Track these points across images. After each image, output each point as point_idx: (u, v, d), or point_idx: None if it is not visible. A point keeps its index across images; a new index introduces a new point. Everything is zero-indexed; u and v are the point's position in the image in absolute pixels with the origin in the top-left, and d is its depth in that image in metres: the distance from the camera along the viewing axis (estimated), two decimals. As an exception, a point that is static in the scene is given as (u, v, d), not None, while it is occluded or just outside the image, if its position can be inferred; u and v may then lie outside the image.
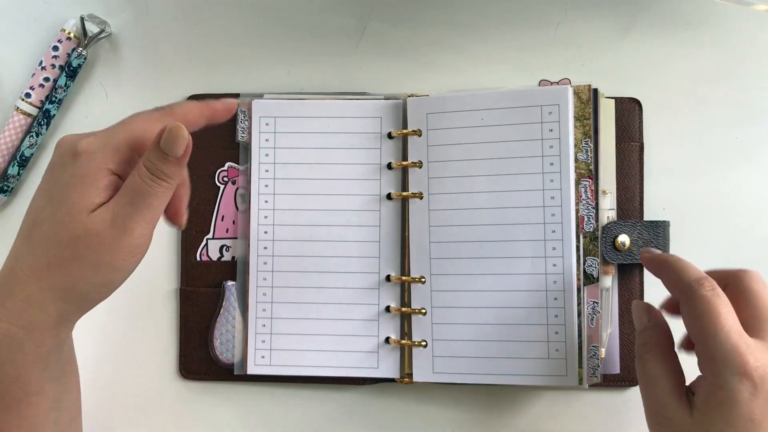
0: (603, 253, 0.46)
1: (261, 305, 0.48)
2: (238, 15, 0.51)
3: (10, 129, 0.49)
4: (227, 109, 0.40)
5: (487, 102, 0.46)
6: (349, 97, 0.49)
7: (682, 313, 0.38)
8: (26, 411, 0.36)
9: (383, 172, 0.48)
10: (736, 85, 0.49)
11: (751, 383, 0.34)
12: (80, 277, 0.35)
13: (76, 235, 0.34)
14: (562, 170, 0.45)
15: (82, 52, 0.49)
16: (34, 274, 0.35)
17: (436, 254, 0.47)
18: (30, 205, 0.37)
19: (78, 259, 0.35)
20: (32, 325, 0.35)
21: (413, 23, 0.50)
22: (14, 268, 0.36)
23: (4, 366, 0.35)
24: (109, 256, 0.35)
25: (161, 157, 0.34)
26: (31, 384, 0.36)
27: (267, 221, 0.48)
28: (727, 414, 0.34)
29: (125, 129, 0.36)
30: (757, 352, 0.34)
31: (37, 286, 0.35)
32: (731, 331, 0.35)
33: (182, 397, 0.50)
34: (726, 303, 0.36)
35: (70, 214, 0.34)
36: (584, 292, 0.45)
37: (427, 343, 0.47)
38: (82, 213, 0.34)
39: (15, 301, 0.35)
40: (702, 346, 0.36)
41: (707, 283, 0.36)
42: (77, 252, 0.34)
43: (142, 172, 0.35)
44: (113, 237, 0.35)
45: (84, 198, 0.35)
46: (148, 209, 0.35)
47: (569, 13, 0.50)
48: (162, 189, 0.35)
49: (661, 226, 0.46)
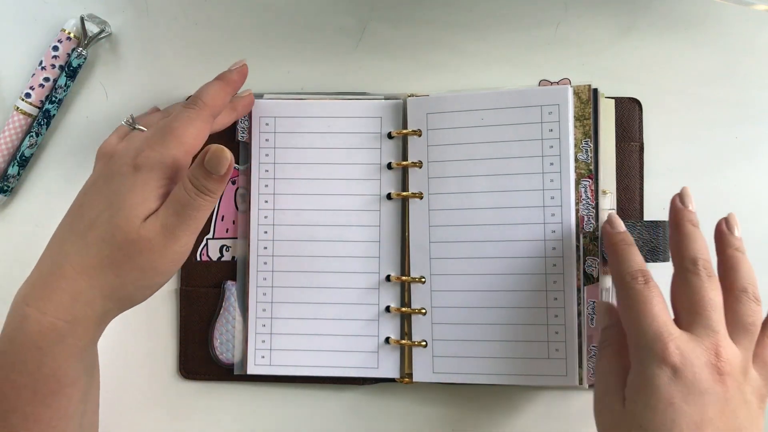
0: (603, 253, 0.46)
1: (261, 305, 0.48)
2: (239, 15, 0.51)
3: (10, 129, 0.49)
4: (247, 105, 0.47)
5: (487, 102, 0.46)
6: (349, 97, 0.49)
7: (617, 304, 0.40)
8: (60, 403, 0.38)
9: (383, 172, 0.48)
10: (736, 85, 0.49)
11: (671, 368, 0.35)
12: (128, 278, 0.38)
13: (130, 239, 0.37)
14: (562, 170, 0.45)
15: (82, 52, 0.49)
16: (85, 272, 0.37)
17: (436, 254, 0.47)
18: (83, 208, 0.39)
19: (129, 262, 0.37)
20: (77, 320, 0.37)
21: (413, 23, 0.50)
22: (62, 265, 0.38)
23: (45, 358, 0.37)
24: (156, 261, 0.38)
25: (205, 175, 0.38)
26: (68, 376, 0.38)
27: (267, 221, 0.48)
28: (648, 398, 0.35)
29: (178, 143, 0.39)
30: (680, 341, 0.36)
31: (87, 284, 0.37)
32: (656, 319, 0.37)
33: (182, 397, 0.50)
34: (656, 295, 0.38)
35: (127, 219, 0.37)
36: (584, 292, 0.46)
37: (427, 343, 0.47)
38: (137, 220, 0.37)
39: (63, 296, 0.37)
40: (630, 335, 0.38)
41: (641, 277, 0.39)
42: (129, 255, 0.37)
43: (188, 187, 0.38)
44: (162, 244, 0.38)
45: (139, 207, 0.38)
46: (193, 220, 0.38)
47: (569, 12, 0.50)
48: (206, 203, 0.38)
49: (661, 226, 0.46)
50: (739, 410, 0.35)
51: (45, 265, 0.39)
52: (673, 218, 0.42)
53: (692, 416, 0.34)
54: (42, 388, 0.37)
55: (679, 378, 0.35)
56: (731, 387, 0.35)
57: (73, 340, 0.37)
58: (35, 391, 0.37)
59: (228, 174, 0.38)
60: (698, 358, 0.35)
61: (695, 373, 0.35)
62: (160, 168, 0.39)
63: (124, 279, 0.38)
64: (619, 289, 0.40)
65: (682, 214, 0.41)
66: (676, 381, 0.35)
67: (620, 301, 0.39)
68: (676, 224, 0.41)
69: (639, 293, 0.38)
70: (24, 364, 0.37)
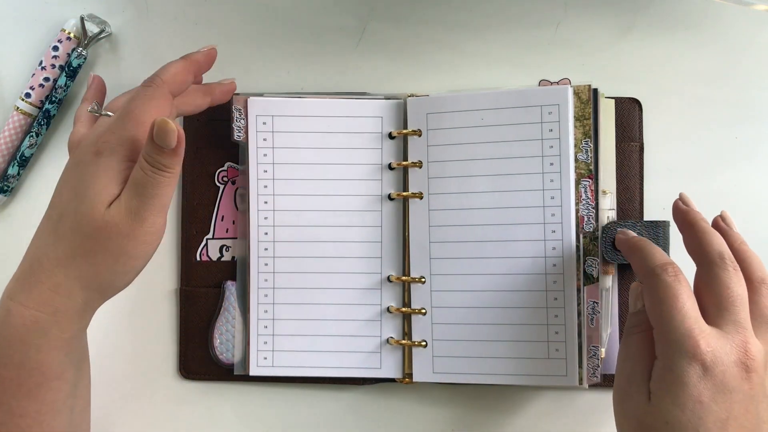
0: (603, 253, 0.46)
1: (263, 307, 0.48)
2: (238, 15, 0.51)
3: (10, 129, 0.49)
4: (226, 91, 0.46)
5: (487, 102, 0.46)
6: (349, 97, 0.49)
7: (644, 296, 0.39)
8: (46, 396, 0.38)
9: (384, 172, 0.48)
10: (736, 85, 0.49)
11: (701, 366, 0.34)
12: (102, 265, 0.38)
13: (97, 227, 0.37)
14: (562, 170, 0.45)
15: (82, 52, 0.49)
16: (60, 263, 0.37)
17: (436, 254, 0.47)
18: (54, 200, 0.40)
19: (100, 250, 0.37)
20: (59, 312, 0.37)
21: (413, 23, 0.50)
22: (40, 259, 0.38)
23: (29, 351, 0.37)
24: (127, 245, 0.38)
25: (158, 150, 0.37)
26: (53, 369, 0.38)
27: (267, 222, 0.48)
28: (676, 395, 0.35)
29: (137, 123, 0.39)
30: (710, 337, 0.35)
31: (64, 275, 0.37)
32: (687, 315, 0.36)
33: (182, 397, 0.50)
34: (686, 289, 0.37)
35: (92, 207, 0.37)
36: (584, 292, 0.45)
37: (427, 343, 0.47)
38: (101, 206, 0.37)
39: (42, 289, 0.37)
40: (658, 330, 0.37)
41: (670, 269, 0.37)
42: (99, 242, 0.37)
43: (144, 166, 0.37)
44: (128, 227, 0.37)
45: (102, 193, 0.37)
46: (156, 198, 0.38)
47: (569, 12, 0.50)
48: (165, 179, 0.37)
49: (661, 226, 0.46)
50: (761, 405, 0.35)
51: (26, 260, 0.39)
52: (683, 219, 0.41)
53: (719, 414, 0.34)
54: (27, 381, 0.37)
55: (709, 376, 0.34)
56: (756, 384, 0.35)
57: (57, 332, 0.38)
58: (20, 384, 0.37)
59: (180, 146, 0.37)
60: (728, 356, 0.35)
61: (725, 372, 0.34)
62: (120, 151, 0.38)
63: (98, 267, 0.38)
64: (647, 281, 0.38)
65: (692, 213, 0.41)
66: (706, 379, 0.34)
67: (648, 293, 0.38)
68: (690, 223, 0.41)
69: (669, 286, 0.37)
70: (9, 358, 0.37)
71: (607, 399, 0.48)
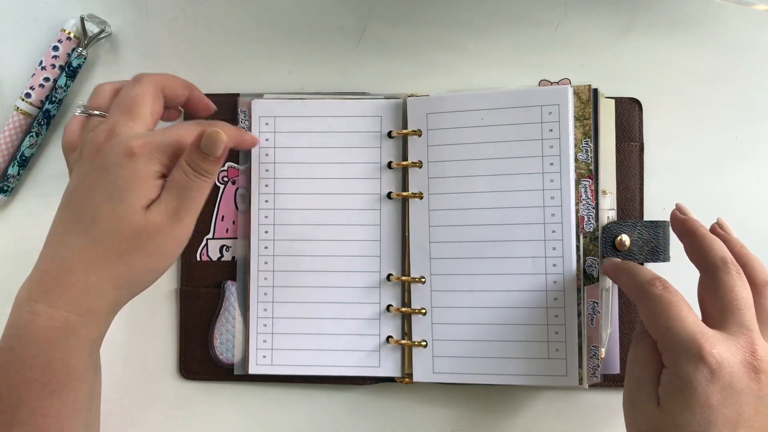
0: (603, 253, 0.46)
1: (262, 305, 0.48)
2: (239, 15, 0.51)
3: (10, 129, 0.49)
4: (252, 141, 0.47)
5: (487, 102, 0.46)
6: (349, 97, 0.49)
7: (640, 314, 0.39)
8: (68, 396, 0.38)
9: (383, 172, 0.48)
10: (736, 85, 0.49)
11: (708, 369, 0.34)
12: (139, 265, 0.39)
13: (138, 228, 0.38)
14: (562, 170, 0.45)
15: (82, 52, 0.49)
16: (94, 265, 0.38)
17: (436, 254, 0.47)
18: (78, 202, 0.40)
19: (138, 250, 0.39)
20: (89, 313, 0.38)
21: (413, 23, 0.50)
22: (69, 260, 0.38)
23: (57, 352, 0.38)
24: (164, 244, 0.39)
25: (202, 157, 0.39)
26: (77, 370, 0.38)
27: (267, 221, 0.48)
28: (685, 400, 0.34)
29: (175, 134, 0.40)
30: (714, 340, 0.35)
31: (98, 276, 0.38)
32: (686, 320, 0.36)
33: (182, 397, 0.50)
34: (679, 297, 0.37)
35: (131, 210, 0.38)
36: (584, 292, 0.45)
37: (427, 343, 0.47)
38: (140, 208, 0.39)
39: (73, 290, 0.38)
40: (660, 340, 0.37)
41: (658, 283, 0.38)
42: (137, 243, 0.38)
43: (186, 170, 0.39)
44: (168, 227, 0.39)
45: (142, 197, 0.39)
46: (193, 201, 0.40)
47: (569, 12, 0.50)
48: (204, 183, 0.40)
49: (661, 226, 0.46)
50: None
51: (48, 262, 0.39)
52: (682, 226, 0.41)
53: (729, 417, 0.34)
54: (52, 381, 0.38)
55: (717, 378, 0.34)
56: (765, 384, 0.35)
57: (85, 332, 0.38)
58: (45, 385, 0.37)
59: (224, 154, 0.40)
60: (734, 357, 0.35)
61: (732, 373, 0.34)
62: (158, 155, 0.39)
63: (134, 267, 0.39)
64: (639, 300, 0.39)
65: (691, 221, 0.41)
66: (714, 382, 0.34)
67: (643, 310, 0.38)
68: (690, 230, 0.41)
69: (661, 297, 0.37)
70: (34, 359, 0.37)
71: (607, 399, 0.48)
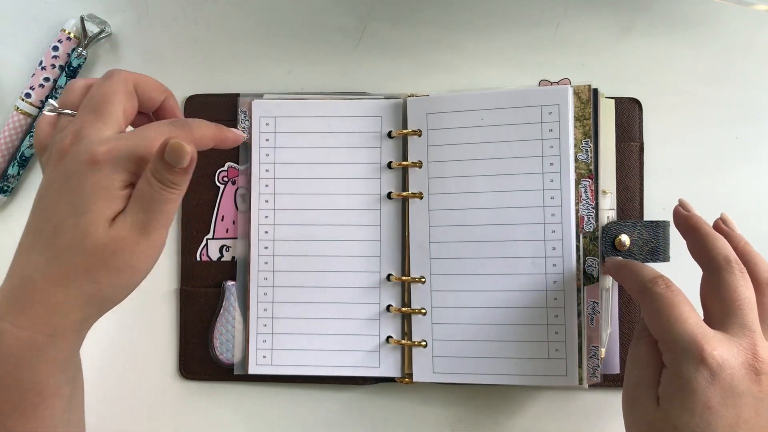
0: (603, 253, 0.46)
1: (262, 305, 0.48)
2: (238, 15, 0.51)
3: (10, 129, 0.49)
4: (235, 139, 0.41)
5: (487, 102, 0.46)
6: (349, 97, 0.49)
7: (642, 313, 0.39)
8: (43, 414, 0.37)
9: (383, 172, 0.48)
10: (736, 85, 0.49)
11: (708, 371, 0.34)
12: (105, 282, 0.36)
13: (102, 242, 0.35)
14: (562, 170, 0.45)
15: (82, 52, 0.49)
16: (59, 282, 0.35)
17: (436, 254, 0.47)
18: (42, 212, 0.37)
19: (103, 266, 0.36)
20: (56, 332, 0.36)
21: (413, 23, 0.50)
22: (32, 277, 0.36)
23: (24, 373, 0.36)
24: (132, 259, 0.36)
25: (168, 168, 0.35)
26: (50, 388, 0.37)
27: (267, 221, 0.48)
28: (685, 401, 0.34)
29: (143, 138, 0.37)
30: (715, 341, 0.35)
31: (63, 294, 0.35)
32: (687, 321, 0.35)
33: (182, 397, 0.50)
34: (681, 297, 0.37)
35: (94, 224, 0.35)
36: (584, 292, 0.45)
37: (427, 343, 0.47)
38: (105, 222, 0.36)
39: (38, 309, 0.35)
40: (662, 340, 0.37)
41: (661, 281, 0.38)
42: (102, 258, 0.36)
43: (151, 182, 0.36)
44: (134, 242, 0.36)
45: (106, 208, 0.36)
46: (162, 214, 0.36)
47: (569, 12, 0.50)
48: (173, 195, 0.36)
49: (661, 226, 0.46)
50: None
51: (14, 277, 0.36)
52: (685, 223, 0.41)
53: (728, 419, 0.34)
54: (23, 402, 0.36)
55: (717, 380, 0.34)
56: (766, 386, 0.34)
57: (54, 352, 0.36)
58: (16, 406, 0.36)
59: (191, 166, 0.36)
60: (735, 359, 0.34)
61: (733, 375, 0.34)
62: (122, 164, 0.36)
63: (101, 284, 0.36)
64: (641, 298, 0.38)
65: (694, 218, 0.41)
66: (714, 383, 0.34)
67: (645, 309, 0.38)
68: (693, 227, 0.40)
69: (663, 296, 0.37)
70: (2, 380, 0.35)
71: (607, 399, 0.48)
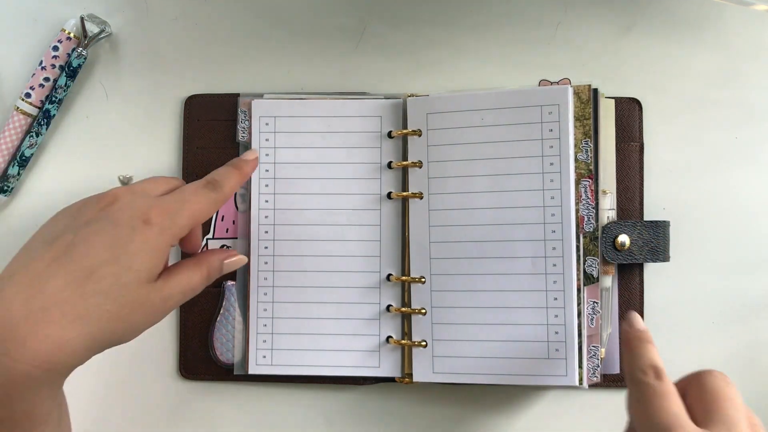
0: (603, 253, 0.46)
1: (262, 305, 0.48)
2: (239, 15, 0.51)
3: (10, 129, 0.49)
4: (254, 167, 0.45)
5: (487, 102, 0.46)
6: (349, 97, 0.49)
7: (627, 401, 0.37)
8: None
9: (383, 172, 0.48)
10: (737, 86, 0.49)
11: None
12: (123, 332, 0.37)
13: (139, 300, 0.37)
14: (562, 170, 0.45)
15: (82, 52, 0.49)
16: (78, 320, 0.35)
17: (436, 254, 0.47)
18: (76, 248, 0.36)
19: (130, 319, 0.37)
20: (55, 368, 0.35)
21: (413, 23, 0.50)
22: (47, 309, 0.34)
23: (16, 404, 0.35)
24: (154, 319, 0.38)
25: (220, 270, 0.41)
26: (41, 416, 0.36)
27: (268, 221, 0.48)
28: None
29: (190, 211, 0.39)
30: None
31: (78, 333, 0.35)
32: (668, 411, 0.34)
33: (182, 397, 0.50)
34: (668, 391, 0.35)
35: (138, 281, 0.37)
36: (584, 292, 0.45)
37: (426, 343, 0.47)
38: (148, 282, 0.37)
39: (45, 343, 0.34)
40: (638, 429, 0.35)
41: (652, 372, 0.36)
42: (133, 313, 0.37)
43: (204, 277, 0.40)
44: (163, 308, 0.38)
45: (152, 269, 0.37)
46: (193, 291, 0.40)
47: (569, 13, 0.50)
48: None
49: (661, 226, 0.46)
50: None
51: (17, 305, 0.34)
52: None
53: None
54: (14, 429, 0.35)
55: None
56: None
57: (49, 384, 0.35)
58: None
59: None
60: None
61: None
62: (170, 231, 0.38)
63: (120, 333, 0.37)
64: (630, 383, 0.37)
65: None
66: None
67: (630, 398, 0.37)
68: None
69: (648, 386, 0.36)
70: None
71: (607, 399, 0.48)
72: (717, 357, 0.48)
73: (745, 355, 0.48)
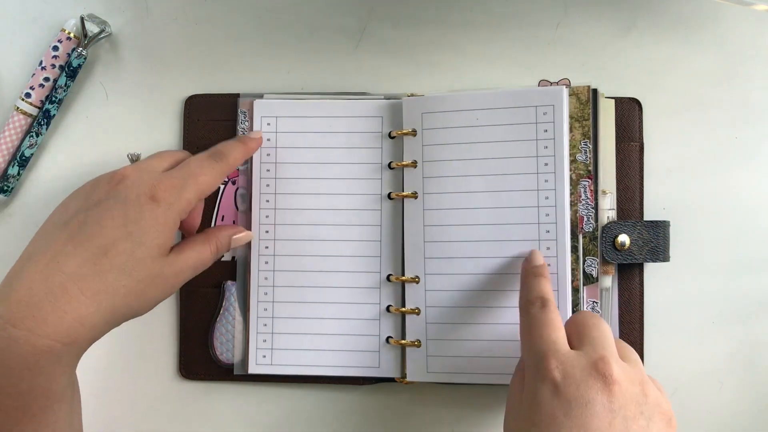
0: (603, 253, 0.46)
1: (262, 305, 0.48)
2: (238, 15, 0.51)
3: (10, 129, 0.49)
4: (258, 143, 0.47)
5: (482, 102, 0.46)
6: (349, 97, 0.49)
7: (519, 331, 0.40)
8: (49, 418, 0.37)
9: (384, 172, 0.48)
10: (737, 85, 0.49)
11: (552, 384, 0.35)
12: (139, 306, 0.39)
13: (153, 274, 0.39)
14: (557, 171, 0.45)
15: (82, 52, 0.49)
16: (95, 296, 0.37)
17: (430, 254, 0.47)
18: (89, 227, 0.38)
19: (145, 293, 0.39)
20: (76, 342, 0.37)
21: (413, 23, 0.50)
22: (64, 286, 0.36)
23: (38, 378, 0.36)
24: (167, 293, 0.41)
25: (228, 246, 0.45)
26: (58, 393, 0.37)
27: (268, 221, 0.48)
28: (533, 415, 0.35)
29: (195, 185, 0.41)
30: (563, 356, 0.36)
31: (95, 308, 0.37)
32: (543, 338, 0.37)
33: (182, 397, 0.50)
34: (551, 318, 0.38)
35: (151, 256, 0.39)
36: (584, 292, 0.45)
37: (420, 342, 0.47)
38: (161, 256, 0.39)
39: (64, 318, 0.36)
40: (524, 358, 0.38)
41: (539, 303, 0.39)
42: (148, 287, 0.39)
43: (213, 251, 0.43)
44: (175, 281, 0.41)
45: (164, 244, 0.39)
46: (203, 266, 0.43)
47: (569, 13, 0.49)
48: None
49: (661, 226, 0.46)
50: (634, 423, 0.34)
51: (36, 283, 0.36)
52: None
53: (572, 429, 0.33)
54: (32, 406, 0.36)
55: (560, 393, 0.34)
56: (619, 396, 0.34)
57: (68, 359, 0.37)
58: (24, 411, 0.36)
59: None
60: (582, 371, 0.35)
61: (578, 386, 0.34)
62: (178, 205, 0.40)
63: (135, 307, 0.39)
64: (521, 313, 0.40)
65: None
66: (558, 396, 0.34)
67: (521, 327, 0.40)
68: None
69: (533, 317, 0.39)
70: (13, 387, 0.36)
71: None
72: (717, 357, 0.48)
73: (745, 355, 0.48)
